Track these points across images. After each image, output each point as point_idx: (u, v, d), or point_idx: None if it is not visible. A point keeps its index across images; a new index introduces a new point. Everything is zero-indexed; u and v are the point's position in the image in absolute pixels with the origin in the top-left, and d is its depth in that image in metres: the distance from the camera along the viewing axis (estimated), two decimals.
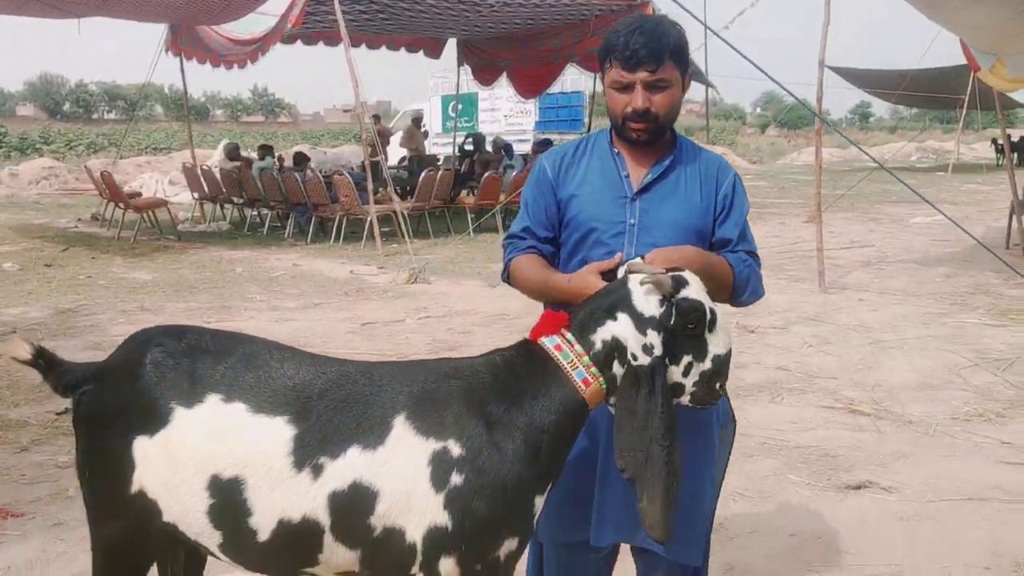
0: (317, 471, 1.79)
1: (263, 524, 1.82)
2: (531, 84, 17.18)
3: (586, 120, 20.76)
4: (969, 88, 19.48)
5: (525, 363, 1.91)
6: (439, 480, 1.78)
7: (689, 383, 1.89)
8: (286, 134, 41.96)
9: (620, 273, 1.98)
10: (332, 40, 13.59)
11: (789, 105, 64.23)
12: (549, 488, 1.92)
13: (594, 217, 2.21)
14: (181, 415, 1.85)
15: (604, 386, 1.88)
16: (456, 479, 1.78)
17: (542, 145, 17.09)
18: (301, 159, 14.16)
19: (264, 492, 1.80)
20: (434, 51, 16.72)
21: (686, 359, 1.87)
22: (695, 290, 1.88)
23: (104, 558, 1.99)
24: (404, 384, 1.87)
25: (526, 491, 1.85)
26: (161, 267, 10.31)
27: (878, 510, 3.73)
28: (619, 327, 1.87)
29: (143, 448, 1.86)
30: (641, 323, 1.85)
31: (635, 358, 1.85)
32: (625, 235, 2.18)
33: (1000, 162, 26.94)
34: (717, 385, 1.92)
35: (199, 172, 14.63)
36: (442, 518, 1.77)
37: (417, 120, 17.96)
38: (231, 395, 1.85)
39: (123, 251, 11.52)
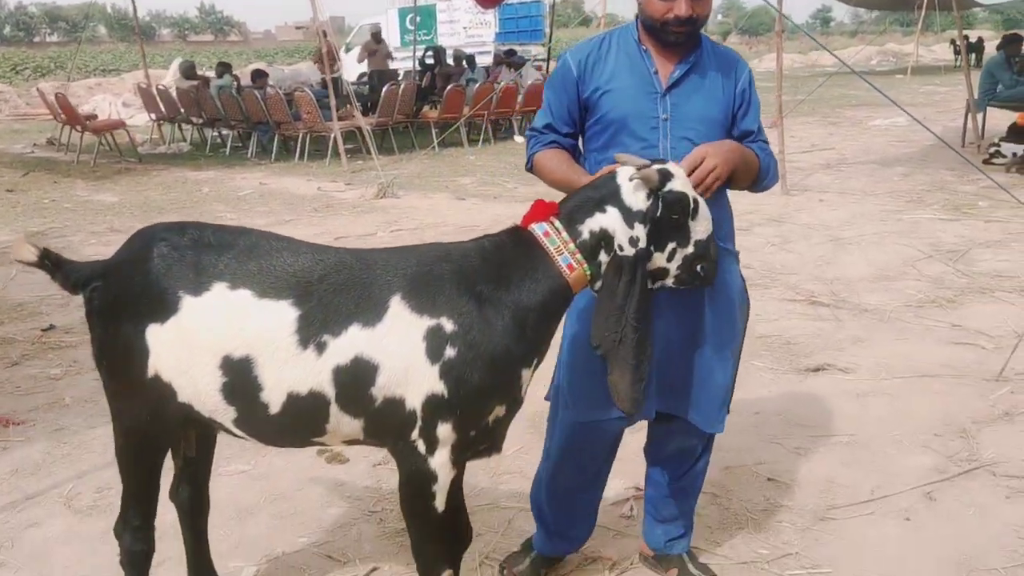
0: (321, 348, 1.93)
1: (273, 399, 1.96)
2: None
3: (547, 30, 20.48)
4: None
5: (514, 247, 2.04)
6: (434, 353, 1.93)
7: (673, 267, 2.04)
8: (238, 52, 40.70)
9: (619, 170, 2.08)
10: None
11: (749, 11, 63.82)
12: (536, 362, 2.08)
13: (628, 113, 2.29)
14: (190, 303, 1.97)
15: (589, 272, 2.02)
16: (450, 352, 1.93)
17: (507, 55, 16.92)
18: (259, 76, 13.88)
19: (273, 369, 1.94)
20: None
21: (670, 246, 2.01)
22: (680, 182, 1.99)
23: (126, 440, 2.14)
24: (398, 267, 1.99)
25: (514, 363, 2.00)
26: (125, 189, 10.23)
27: (835, 389, 4.00)
28: (608, 220, 1.99)
29: (155, 335, 1.99)
30: (629, 216, 1.98)
31: (621, 248, 1.98)
32: (659, 129, 2.28)
33: (958, 63, 27.12)
34: (699, 267, 2.05)
35: (155, 92, 14.33)
36: (439, 387, 1.93)
37: (376, 34, 17.54)
38: (236, 283, 1.97)
39: (84, 175, 11.37)
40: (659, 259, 2.02)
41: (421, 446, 1.99)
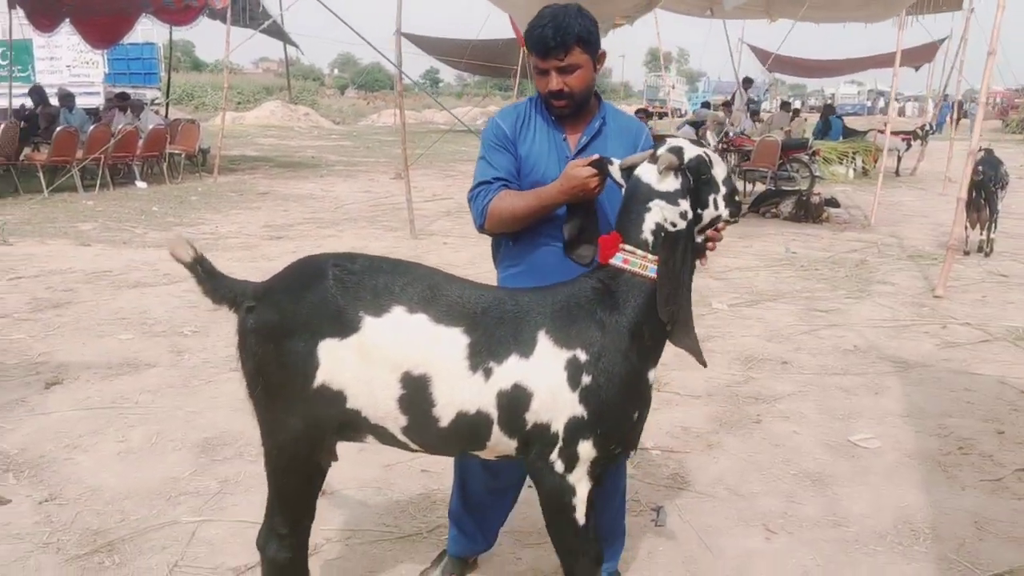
0: (488, 374, 2.17)
1: (445, 414, 2.19)
2: (101, 34, 16.10)
3: (163, 74, 19.84)
4: (520, 59, 22.17)
5: (611, 280, 2.28)
6: (574, 381, 2.20)
7: (722, 209, 2.31)
8: None
9: (613, 171, 2.34)
10: None
11: (367, 67, 66.50)
12: (657, 361, 2.33)
13: (544, 175, 2.55)
14: (371, 322, 2.16)
15: None
16: (586, 379, 2.20)
17: (120, 98, 16.06)
18: None
19: (446, 388, 2.17)
20: None
21: (711, 197, 2.29)
22: (688, 147, 2.26)
23: (280, 452, 2.26)
24: (542, 304, 2.24)
25: (640, 374, 2.27)
26: None
27: None
28: (656, 214, 2.24)
29: (331, 350, 2.15)
30: (671, 199, 2.23)
31: (674, 225, 2.23)
32: None
33: None
34: (736, 197, 2.37)
35: None
36: (579, 411, 2.20)
37: None
38: (413, 307, 2.18)
39: None
40: (708, 214, 2.29)
41: (559, 465, 2.24)
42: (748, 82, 18.65)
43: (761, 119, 18.00)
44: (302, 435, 2.22)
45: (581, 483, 2.26)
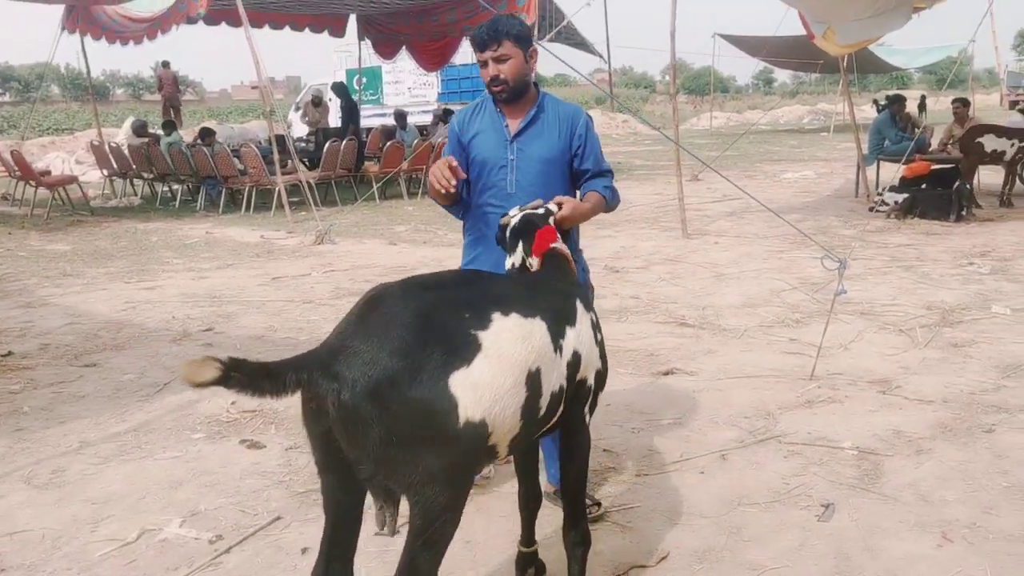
0: (560, 351, 2.34)
1: (543, 402, 2.24)
2: (431, 57, 17.91)
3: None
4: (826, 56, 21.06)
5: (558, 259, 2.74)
6: (595, 339, 2.55)
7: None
8: (192, 111, 41.46)
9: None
10: (234, 20, 13.77)
11: (694, 72, 66.48)
12: None
13: (488, 155, 3.18)
14: (484, 336, 2.08)
15: None
16: (599, 335, 2.59)
17: (445, 114, 17.89)
18: (207, 134, 14.64)
19: (547, 374, 2.24)
20: (337, 29, 17.26)
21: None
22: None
23: (457, 500, 2.09)
24: (571, 281, 2.68)
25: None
26: (77, 239, 10.84)
27: (677, 387, 4.81)
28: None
29: (461, 380, 1.99)
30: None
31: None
32: (507, 167, 3.16)
33: None
34: None
35: (107, 149, 14.99)
36: (600, 364, 2.57)
37: (317, 97, 18.77)
38: (503, 309, 2.18)
39: (37, 227, 11.95)
40: None
41: (588, 416, 2.56)
42: None
43: None
44: (466, 474, 2.11)
45: (588, 428, 2.59)
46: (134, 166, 14.63)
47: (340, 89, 17.84)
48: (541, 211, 2.84)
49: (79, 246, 10.30)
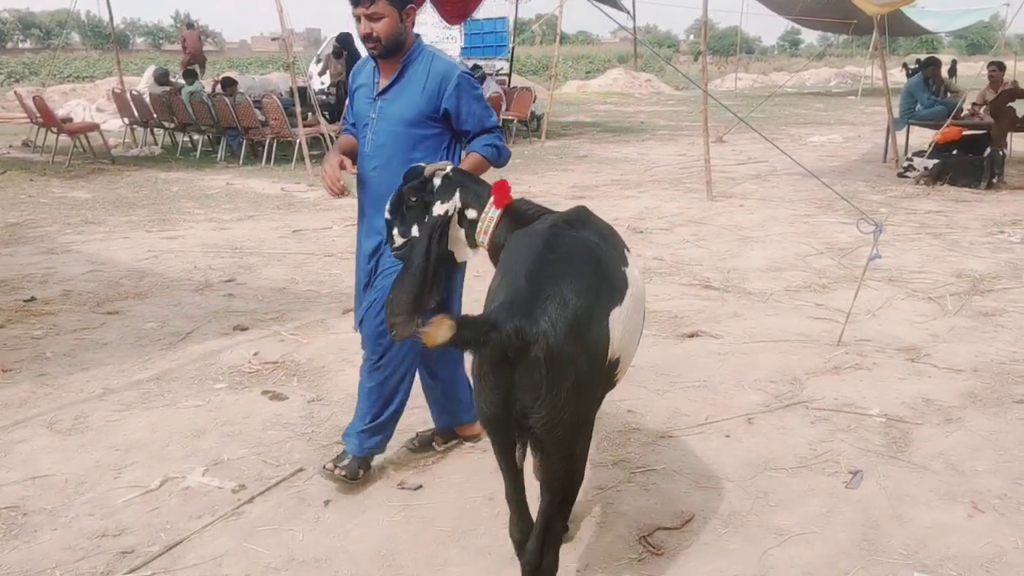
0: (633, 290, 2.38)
1: (631, 342, 2.37)
2: (455, 10, 17.67)
3: (511, 45, 21.32)
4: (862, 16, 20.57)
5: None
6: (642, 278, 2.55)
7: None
8: (212, 62, 41.17)
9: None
10: None
11: (721, 32, 65.33)
12: None
13: (359, 111, 3.22)
14: (628, 273, 2.31)
15: None
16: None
17: (472, 71, 17.69)
18: (228, 83, 14.52)
19: (637, 315, 2.38)
20: None
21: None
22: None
23: (589, 428, 2.27)
24: (614, 237, 2.62)
25: None
26: (98, 187, 10.82)
27: (703, 349, 4.75)
28: None
29: (615, 317, 2.18)
30: None
31: None
32: (370, 126, 3.14)
33: None
34: None
35: (129, 97, 14.92)
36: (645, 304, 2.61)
37: (337, 50, 18.52)
38: (625, 246, 2.48)
39: (59, 174, 11.93)
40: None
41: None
42: None
43: None
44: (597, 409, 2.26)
45: None
46: (155, 115, 14.55)
47: (345, 41, 17.59)
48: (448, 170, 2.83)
49: (100, 194, 10.29)
